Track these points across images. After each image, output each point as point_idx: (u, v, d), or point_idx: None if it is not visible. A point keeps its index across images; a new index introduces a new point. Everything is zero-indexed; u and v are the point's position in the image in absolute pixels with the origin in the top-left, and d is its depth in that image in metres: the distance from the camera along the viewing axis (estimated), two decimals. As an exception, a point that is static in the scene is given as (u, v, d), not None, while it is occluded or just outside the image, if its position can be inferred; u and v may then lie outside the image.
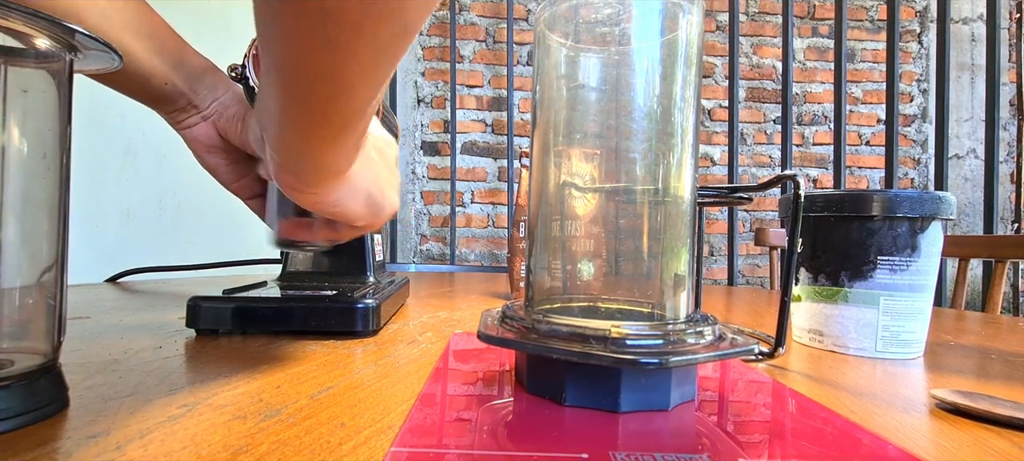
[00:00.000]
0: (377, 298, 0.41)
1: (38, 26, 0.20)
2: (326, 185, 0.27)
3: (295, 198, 0.28)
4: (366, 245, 0.52)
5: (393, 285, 0.53)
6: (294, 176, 0.26)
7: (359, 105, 0.22)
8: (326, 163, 0.25)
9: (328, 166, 0.26)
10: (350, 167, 0.27)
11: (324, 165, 0.25)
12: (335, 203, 0.28)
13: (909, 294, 0.36)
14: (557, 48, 0.25)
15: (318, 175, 0.26)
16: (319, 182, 0.27)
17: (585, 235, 0.24)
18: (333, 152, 0.25)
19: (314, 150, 0.24)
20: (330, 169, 0.26)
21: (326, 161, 0.25)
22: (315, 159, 0.25)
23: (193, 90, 0.35)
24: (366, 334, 0.40)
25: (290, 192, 0.27)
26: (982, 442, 0.22)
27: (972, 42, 1.99)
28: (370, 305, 0.39)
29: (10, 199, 0.20)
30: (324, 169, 0.26)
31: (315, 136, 0.23)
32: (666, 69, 0.23)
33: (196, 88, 0.35)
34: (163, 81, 0.33)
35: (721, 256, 2.02)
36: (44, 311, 0.22)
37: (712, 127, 2.03)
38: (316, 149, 0.24)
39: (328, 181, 0.27)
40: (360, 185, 0.29)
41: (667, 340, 0.22)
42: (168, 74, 0.33)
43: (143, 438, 0.20)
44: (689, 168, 0.24)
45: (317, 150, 0.24)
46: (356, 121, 0.23)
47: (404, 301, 0.60)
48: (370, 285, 0.48)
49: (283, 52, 0.20)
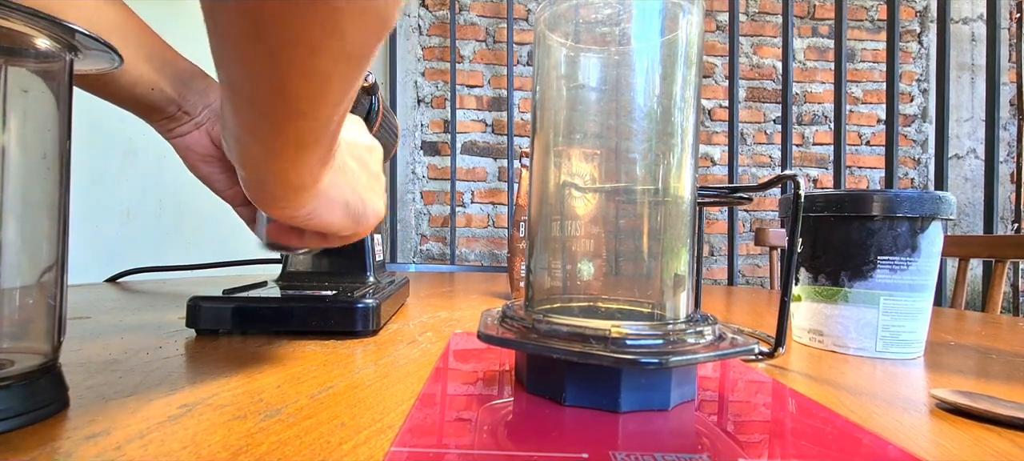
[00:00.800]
0: (377, 298, 0.41)
1: (38, 26, 0.20)
2: (295, 200, 0.27)
3: (267, 212, 0.28)
4: (366, 245, 0.52)
5: (393, 285, 0.53)
6: (260, 192, 0.26)
7: (317, 124, 0.22)
8: (290, 180, 0.25)
9: (292, 182, 0.25)
10: (317, 182, 0.27)
11: (289, 182, 0.25)
12: (309, 215, 0.28)
13: (909, 294, 0.36)
14: (557, 48, 0.25)
15: (285, 191, 0.26)
16: (287, 198, 0.26)
17: (585, 235, 0.24)
18: (296, 170, 0.24)
19: (276, 167, 0.24)
20: (296, 185, 0.26)
21: (290, 178, 0.25)
22: (278, 176, 0.24)
23: (182, 96, 0.34)
24: (366, 334, 0.40)
25: (261, 207, 0.27)
26: (982, 442, 0.22)
27: (972, 42, 1.99)
28: (370, 305, 0.39)
29: (10, 199, 0.20)
30: (290, 185, 0.25)
31: (276, 154, 0.23)
32: (666, 69, 0.23)
33: (185, 94, 0.34)
34: (149, 87, 0.32)
35: (721, 256, 2.02)
36: (44, 311, 0.22)
37: (712, 127, 2.03)
38: (278, 166, 0.24)
39: (297, 196, 0.26)
40: (336, 195, 0.29)
41: (667, 340, 0.22)
42: (155, 79, 0.33)
43: (143, 438, 0.20)
44: (689, 168, 0.24)
45: (279, 167, 0.24)
46: (317, 139, 0.23)
47: (404, 301, 0.60)
48: (370, 285, 0.48)
49: (231, 68, 0.20)
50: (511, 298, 0.67)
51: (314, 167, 0.25)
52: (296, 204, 0.27)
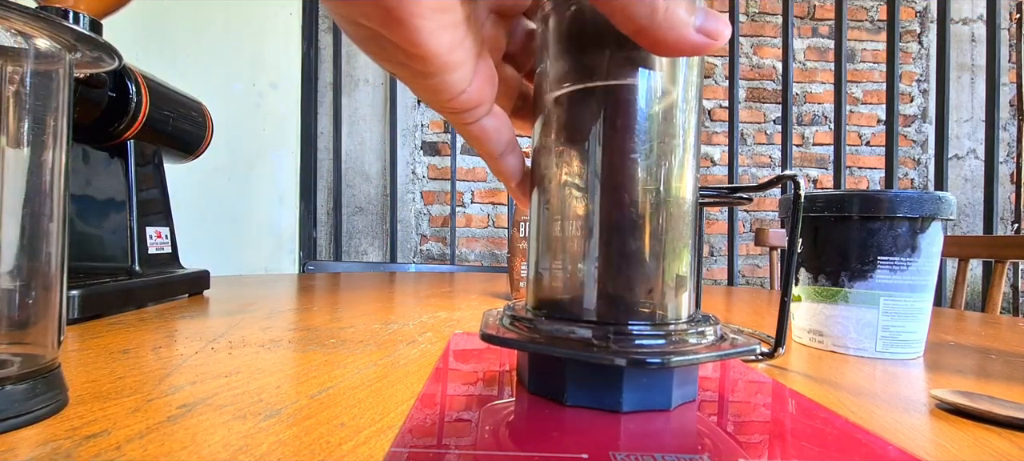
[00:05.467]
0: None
1: (38, 26, 0.20)
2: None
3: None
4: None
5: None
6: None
7: None
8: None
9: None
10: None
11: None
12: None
13: (909, 294, 0.36)
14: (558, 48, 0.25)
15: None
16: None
17: (585, 235, 0.24)
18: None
19: None
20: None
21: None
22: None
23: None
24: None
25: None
26: (982, 442, 0.22)
27: (972, 42, 1.99)
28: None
29: (10, 199, 0.20)
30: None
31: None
32: (668, 70, 0.23)
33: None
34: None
35: (721, 256, 2.02)
36: (44, 311, 0.22)
37: (712, 127, 2.03)
38: None
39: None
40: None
41: (669, 340, 0.22)
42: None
43: (143, 438, 0.20)
44: (691, 169, 0.24)
45: None
46: None
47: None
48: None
49: None
50: (511, 298, 0.67)
51: None
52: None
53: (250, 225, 1.73)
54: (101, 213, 0.57)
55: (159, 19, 1.61)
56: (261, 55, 1.73)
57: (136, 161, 0.57)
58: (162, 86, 0.60)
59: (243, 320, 0.46)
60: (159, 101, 0.58)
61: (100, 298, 0.45)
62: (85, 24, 0.42)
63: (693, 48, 0.18)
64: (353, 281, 0.91)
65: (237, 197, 1.70)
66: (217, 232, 1.56)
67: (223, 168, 1.65)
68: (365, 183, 1.97)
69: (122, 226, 0.56)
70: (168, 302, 0.57)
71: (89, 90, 0.50)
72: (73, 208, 0.56)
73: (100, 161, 0.57)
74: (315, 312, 0.52)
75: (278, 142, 1.76)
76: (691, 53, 0.18)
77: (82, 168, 0.57)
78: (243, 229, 1.72)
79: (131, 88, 0.54)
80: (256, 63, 1.72)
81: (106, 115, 0.53)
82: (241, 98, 1.71)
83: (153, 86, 0.58)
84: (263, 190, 1.75)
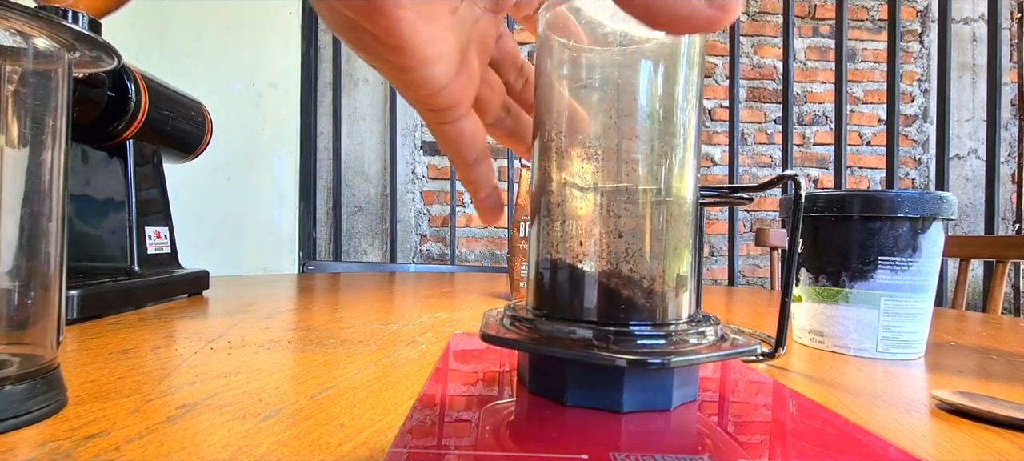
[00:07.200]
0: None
1: (37, 25, 0.20)
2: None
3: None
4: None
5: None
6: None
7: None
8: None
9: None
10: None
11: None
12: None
13: (910, 294, 0.36)
14: (559, 48, 0.25)
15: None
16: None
17: (586, 235, 0.24)
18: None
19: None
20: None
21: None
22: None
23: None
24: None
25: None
26: (983, 443, 0.21)
27: (973, 42, 1.99)
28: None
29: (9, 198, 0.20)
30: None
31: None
32: (668, 69, 0.23)
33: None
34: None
35: (721, 256, 2.02)
36: (43, 311, 0.22)
37: (713, 127, 2.03)
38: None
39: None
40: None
41: (669, 340, 0.22)
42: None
43: (142, 438, 0.20)
44: (691, 169, 0.24)
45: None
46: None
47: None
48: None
49: None
50: (511, 298, 0.67)
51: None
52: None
53: (250, 225, 1.73)
54: (100, 213, 0.57)
55: (159, 19, 1.61)
56: (261, 55, 1.73)
57: (135, 161, 0.57)
58: (161, 86, 0.60)
59: (242, 320, 0.46)
60: (158, 101, 0.58)
61: (99, 298, 0.45)
62: (84, 24, 0.42)
63: (706, 22, 0.17)
64: (353, 281, 0.91)
65: (237, 197, 1.70)
66: (217, 232, 1.56)
67: (223, 168, 1.65)
68: (365, 183, 1.97)
69: (121, 226, 0.56)
70: (167, 302, 0.57)
71: (88, 90, 0.50)
72: (72, 208, 0.56)
73: (99, 161, 0.57)
74: (315, 312, 0.52)
75: (278, 142, 1.76)
76: (704, 29, 0.17)
77: (81, 168, 0.57)
78: (243, 229, 1.72)
79: (130, 88, 0.54)
80: (256, 63, 1.72)
81: (105, 115, 0.53)
82: (241, 98, 1.71)
83: (152, 86, 0.58)
84: (263, 190, 1.75)
